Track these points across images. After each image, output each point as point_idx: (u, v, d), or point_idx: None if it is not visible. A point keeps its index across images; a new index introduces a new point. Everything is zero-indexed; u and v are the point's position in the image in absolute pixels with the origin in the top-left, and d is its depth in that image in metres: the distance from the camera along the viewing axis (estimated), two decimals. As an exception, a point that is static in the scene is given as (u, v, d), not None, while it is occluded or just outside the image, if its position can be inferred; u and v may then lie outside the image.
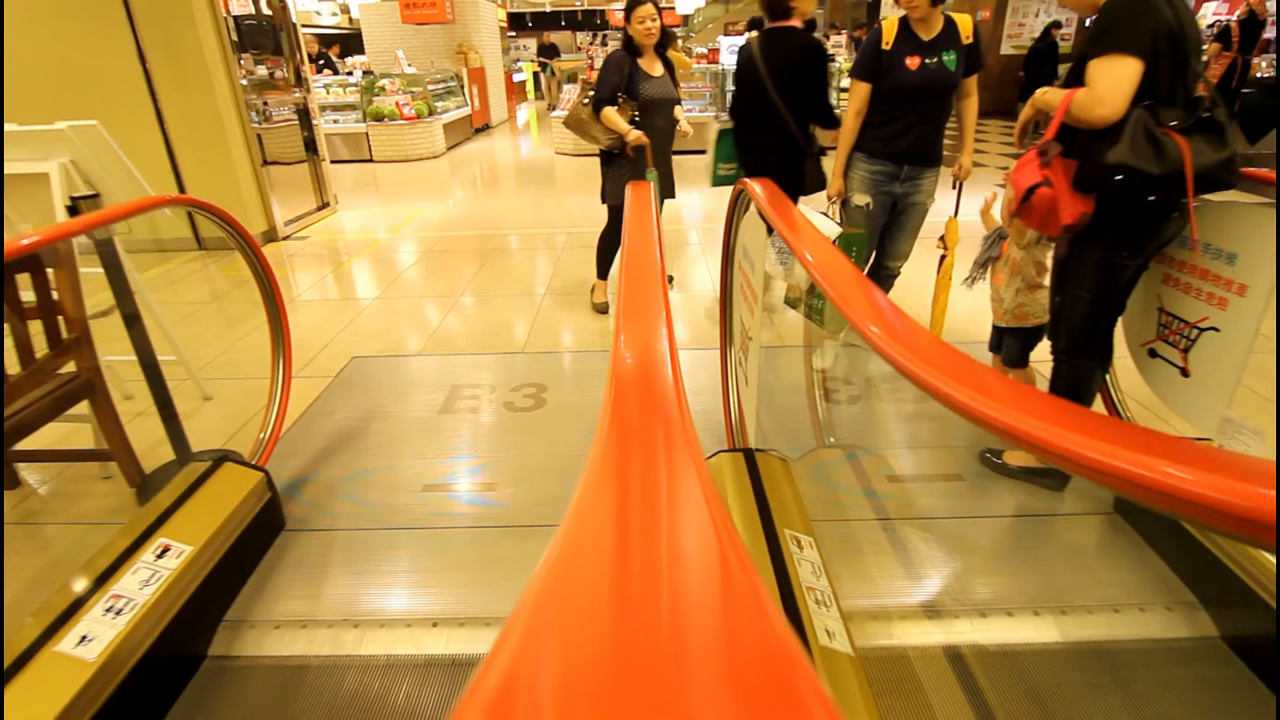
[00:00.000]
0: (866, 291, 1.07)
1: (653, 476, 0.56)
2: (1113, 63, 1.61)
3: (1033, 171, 1.82)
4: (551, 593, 0.40)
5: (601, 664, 0.34)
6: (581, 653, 0.35)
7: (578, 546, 0.46)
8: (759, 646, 0.35)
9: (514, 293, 4.14)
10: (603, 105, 3.23)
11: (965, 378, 0.76)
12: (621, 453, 0.59)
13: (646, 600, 0.39)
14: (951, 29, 2.59)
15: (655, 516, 0.50)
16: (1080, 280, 1.85)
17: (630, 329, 0.84)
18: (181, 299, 4.21)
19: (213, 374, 3.16)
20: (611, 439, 0.62)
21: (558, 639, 0.37)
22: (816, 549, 1.62)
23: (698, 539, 0.47)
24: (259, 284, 2.30)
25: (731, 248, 2.09)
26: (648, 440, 0.61)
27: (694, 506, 0.50)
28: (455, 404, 2.79)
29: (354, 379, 3.04)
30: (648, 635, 0.36)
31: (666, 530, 0.48)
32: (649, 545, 0.46)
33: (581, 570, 0.43)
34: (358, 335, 3.55)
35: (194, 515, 1.86)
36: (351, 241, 5.49)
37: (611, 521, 0.49)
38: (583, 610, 0.39)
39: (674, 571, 0.43)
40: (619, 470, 0.56)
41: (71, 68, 4.64)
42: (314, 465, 2.40)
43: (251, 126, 5.15)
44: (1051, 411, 0.66)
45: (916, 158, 2.72)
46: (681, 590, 0.41)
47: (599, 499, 0.52)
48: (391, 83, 9.11)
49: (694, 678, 0.32)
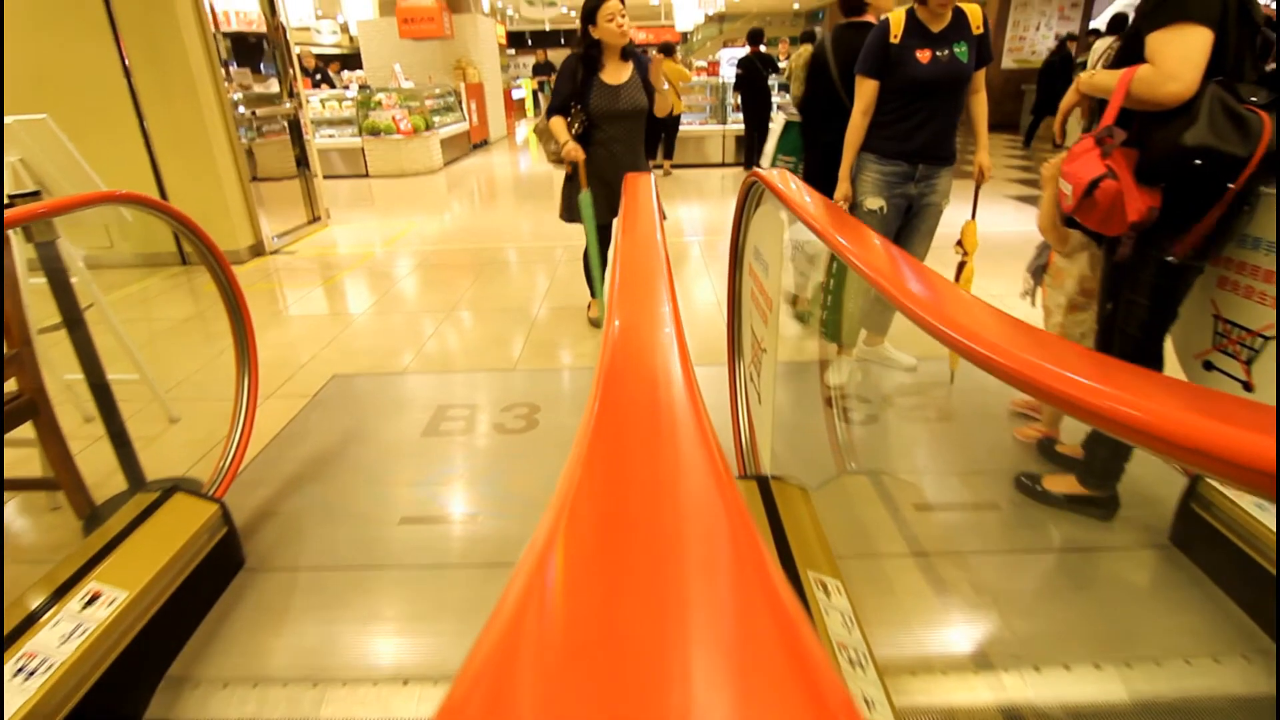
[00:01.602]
0: (922, 274, 0.87)
1: (658, 491, 0.40)
2: (1180, 33, 1.42)
3: (1092, 163, 1.61)
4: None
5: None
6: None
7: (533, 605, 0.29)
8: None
9: (508, 307, 3.94)
10: (551, 116, 2.96)
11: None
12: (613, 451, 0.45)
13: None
14: (961, 19, 2.45)
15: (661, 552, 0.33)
16: (1137, 285, 1.64)
17: (625, 301, 0.64)
18: (159, 315, 4.01)
19: (183, 394, 2.95)
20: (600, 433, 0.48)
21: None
22: (846, 595, 1.40)
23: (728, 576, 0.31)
24: (221, 294, 2.10)
25: (740, 248, 1.89)
26: (648, 433, 0.47)
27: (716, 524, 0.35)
28: (440, 425, 2.57)
29: (333, 399, 2.83)
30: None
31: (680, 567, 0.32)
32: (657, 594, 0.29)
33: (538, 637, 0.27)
34: (341, 352, 3.34)
35: (135, 554, 1.64)
36: (342, 255, 5.30)
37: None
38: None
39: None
40: (610, 474, 0.43)
41: (51, 78, 4.49)
42: (281, 495, 2.18)
43: (240, 140, 4.99)
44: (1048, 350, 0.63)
45: (931, 156, 2.56)
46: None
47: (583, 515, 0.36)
48: (388, 97, 9.00)
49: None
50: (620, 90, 2.90)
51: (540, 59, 13.69)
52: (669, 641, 0.26)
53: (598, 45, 2.85)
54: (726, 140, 8.90)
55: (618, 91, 2.90)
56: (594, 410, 0.49)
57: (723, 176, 8.27)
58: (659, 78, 2.88)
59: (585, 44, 2.87)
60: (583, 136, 2.94)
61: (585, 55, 2.88)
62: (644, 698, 0.23)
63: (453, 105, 10.69)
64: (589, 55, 2.87)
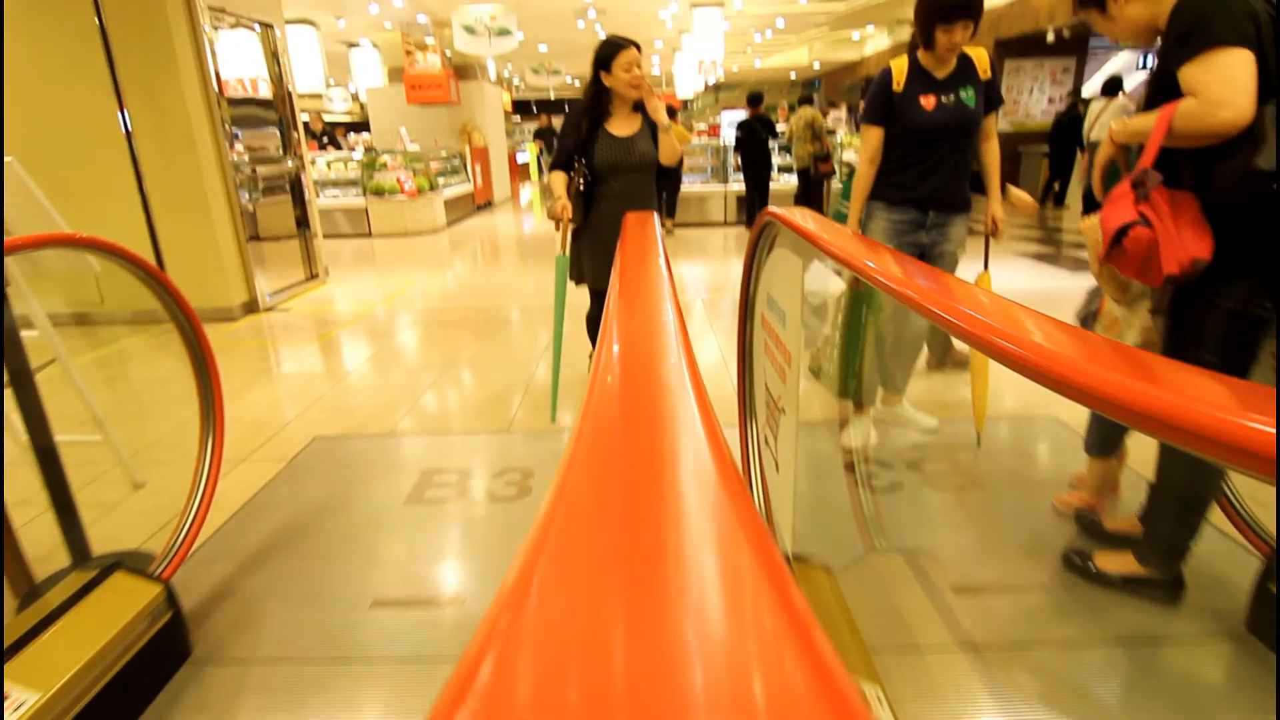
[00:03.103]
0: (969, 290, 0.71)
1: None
2: (1217, 58, 1.32)
3: (1125, 208, 1.48)
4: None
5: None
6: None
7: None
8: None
9: (506, 365, 3.77)
10: (552, 170, 2.73)
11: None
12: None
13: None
14: (967, 65, 2.41)
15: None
16: (1204, 339, 1.47)
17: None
18: (141, 373, 3.85)
19: (153, 457, 2.75)
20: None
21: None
22: (888, 705, 1.17)
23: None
24: (187, 348, 1.93)
25: (750, 298, 1.73)
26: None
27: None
28: (426, 492, 2.36)
29: (311, 463, 2.63)
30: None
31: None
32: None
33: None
34: (327, 412, 3.16)
35: (59, 645, 1.42)
36: (338, 313, 5.18)
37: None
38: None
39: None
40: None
41: (51, 132, 4.47)
42: (242, 572, 1.96)
43: (238, 200, 4.93)
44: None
45: (942, 203, 2.49)
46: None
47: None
48: (393, 159, 9.10)
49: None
50: (629, 142, 2.67)
51: (543, 124, 13.99)
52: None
53: (607, 94, 2.63)
54: (728, 200, 8.95)
55: (626, 144, 2.67)
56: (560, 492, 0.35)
57: (725, 235, 8.26)
58: (660, 113, 2.65)
59: (594, 91, 2.63)
60: (587, 192, 2.70)
61: (592, 105, 2.65)
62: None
63: (457, 168, 10.83)
64: (597, 104, 2.64)
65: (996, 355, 0.61)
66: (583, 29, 12.39)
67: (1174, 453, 1.70)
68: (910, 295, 0.79)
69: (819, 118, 7.94)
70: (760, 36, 15.45)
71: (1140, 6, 1.57)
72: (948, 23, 2.20)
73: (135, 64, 4.40)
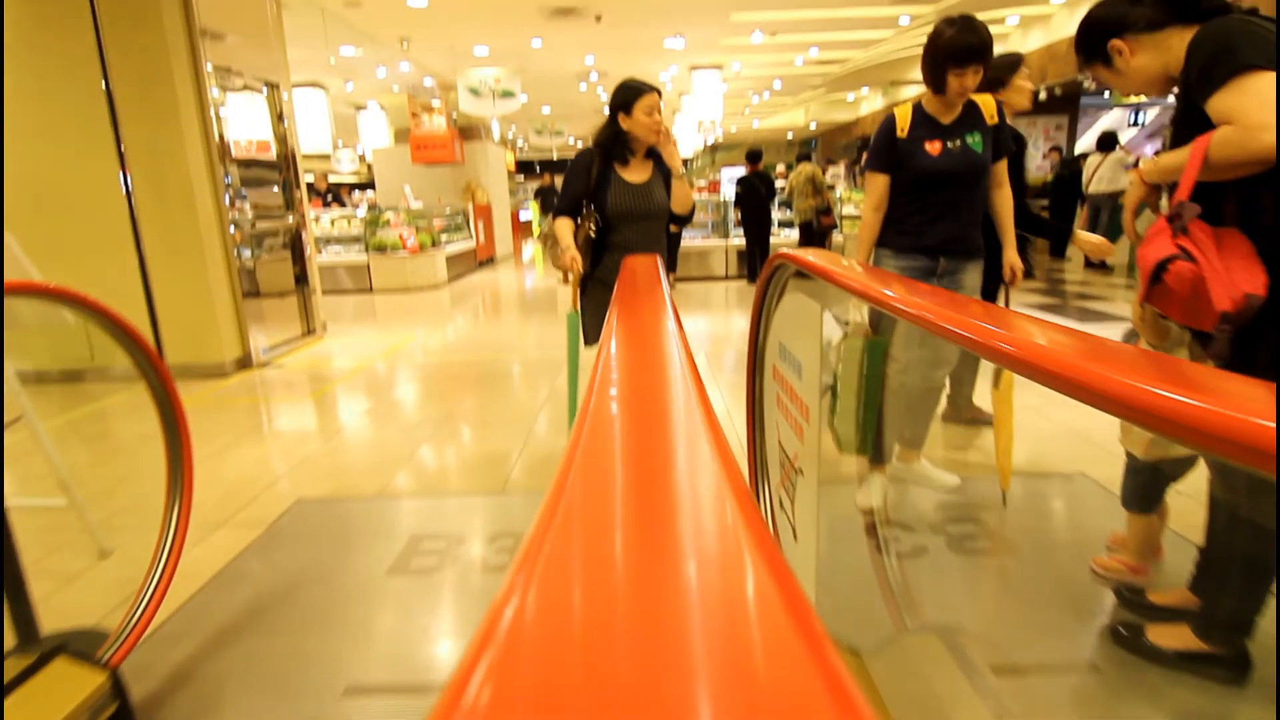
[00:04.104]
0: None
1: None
2: (1249, 82, 1.25)
3: (1163, 243, 1.37)
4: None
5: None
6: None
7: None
8: None
9: (504, 422, 3.63)
10: (557, 218, 2.49)
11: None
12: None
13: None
14: (974, 111, 2.37)
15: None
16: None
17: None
18: (123, 432, 3.71)
19: (124, 522, 2.58)
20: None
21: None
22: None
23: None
24: (156, 406, 1.80)
25: (759, 348, 1.61)
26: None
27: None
28: (412, 561, 2.19)
29: (292, 528, 2.46)
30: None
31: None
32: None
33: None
34: (313, 472, 3.00)
35: (-18, 748, 1.25)
36: (334, 368, 5.07)
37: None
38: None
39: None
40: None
41: (51, 190, 4.47)
42: (205, 653, 1.78)
43: (235, 257, 4.89)
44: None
45: (953, 249, 2.41)
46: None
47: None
48: (396, 216, 9.18)
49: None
50: (646, 188, 2.53)
51: (545, 183, 14.20)
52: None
53: (623, 138, 2.47)
54: (729, 254, 8.99)
55: (642, 190, 2.52)
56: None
57: (726, 289, 8.24)
58: (676, 159, 2.54)
59: (611, 134, 2.46)
60: (596, 242, 2.52)
61: (608, 148, 2.47)
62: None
63: (460, 225, 10.94)
64: (614, 147, 2.46)
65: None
66: (584, 91, 12.74)
67: (1230, 514, 1.55)
68: (953, 322, 0.67)
69: (819, 173, 8.03)
70: (758, 98, 15.88)
71: (1148, 56, 1.52)
72: (960, 66, 2.16)
73: (139, 125, 4.43)
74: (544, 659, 0.23)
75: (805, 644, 0.22)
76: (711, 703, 0.20)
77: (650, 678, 0.21)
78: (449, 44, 9.02)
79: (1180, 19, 1.48)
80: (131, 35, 4.31)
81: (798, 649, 0.22)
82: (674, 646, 0.22)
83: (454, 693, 0.21)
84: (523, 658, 0.23)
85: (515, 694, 0.21)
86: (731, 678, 0.21)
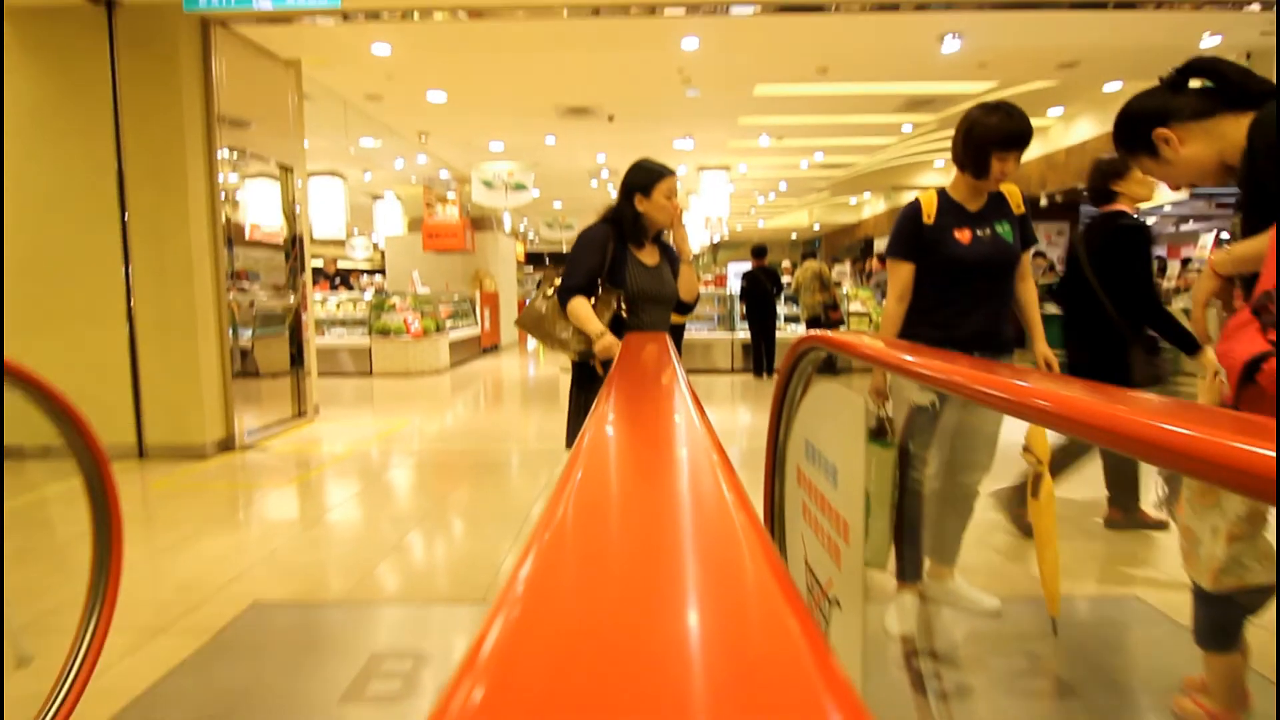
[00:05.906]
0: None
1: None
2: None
3: (1251, 338, 1.18)
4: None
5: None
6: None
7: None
8: None
9: (495, 516, 3.36)
10: (573, 295, 2.25)
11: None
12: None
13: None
14: (1000, 199, 2.26)
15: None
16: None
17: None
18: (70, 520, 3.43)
19: (54, 624, 2.28)
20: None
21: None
22: None
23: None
24: (88, 493, 1.57)
25: (780, 446, 1.39)
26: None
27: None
28: (369, 686, 1.87)
29: (241, 638, 2.16)
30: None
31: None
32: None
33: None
34: (275, 571, 2.71)
35: None
36: (320, 454, 4.83)
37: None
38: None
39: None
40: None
41: (48, 252, 4.42)
42: (105, 801, 1.46)
43: (229, 336, 4.77)
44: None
45: (987, 343, 2.23)
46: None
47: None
48: (402, 300, 9.18)
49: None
50: (659, 272, 2.40)
51: (550, 270, 14.38)
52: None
53: (640, 220, 2.34)
54: (734, 347, 8.90)
55: (657, 273, 2.39)
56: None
57: (731, 383, 8.08)
58: (687, 244, 2.43)
59: (631, 214, 2.32)
60: (614, 325, 2.30)
61: (626, 227, 2.33)
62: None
63: (466, 311, 10.96)
64: (632, 227, 2.33)
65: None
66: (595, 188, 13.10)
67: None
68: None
69: (825, 269, 8.07)
70: (763, 198, 16.34)
71: (1199, 145, 1.41)
72: (1005, 150, 2.06)
73: (146, 199, 4.42)
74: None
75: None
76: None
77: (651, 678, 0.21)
78: (466, 138, 9.32)
79: (1230, 106, 1.39)
80: (149, 113, 4.38)
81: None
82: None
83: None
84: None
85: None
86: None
